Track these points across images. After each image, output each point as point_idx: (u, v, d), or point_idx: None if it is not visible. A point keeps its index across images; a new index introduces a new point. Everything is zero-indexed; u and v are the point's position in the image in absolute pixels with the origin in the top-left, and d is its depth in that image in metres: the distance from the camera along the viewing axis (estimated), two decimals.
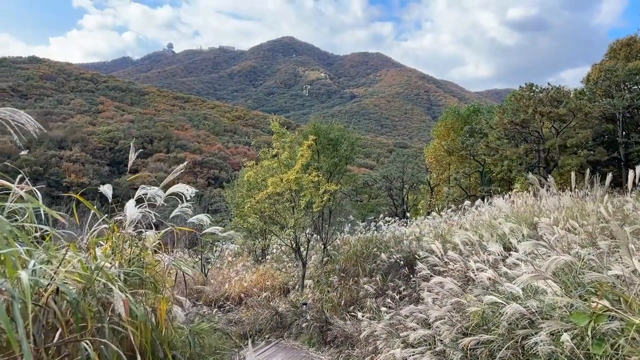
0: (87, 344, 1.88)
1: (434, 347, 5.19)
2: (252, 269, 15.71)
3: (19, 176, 2.62)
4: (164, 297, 2.93)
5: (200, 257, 14.99)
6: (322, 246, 13.32)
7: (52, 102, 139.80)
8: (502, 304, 4.29)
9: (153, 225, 3.31)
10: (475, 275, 5.52)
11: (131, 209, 2.99)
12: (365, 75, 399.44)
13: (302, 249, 12.80)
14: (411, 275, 9.60)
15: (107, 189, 3.04)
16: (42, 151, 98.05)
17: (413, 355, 5.23)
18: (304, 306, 10.43)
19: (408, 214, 25.07)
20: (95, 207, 3.25)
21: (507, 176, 31.01)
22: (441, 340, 5.06)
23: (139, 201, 3.53)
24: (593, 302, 3.20)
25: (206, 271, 15.01)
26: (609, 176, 6.81)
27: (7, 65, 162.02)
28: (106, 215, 3.03)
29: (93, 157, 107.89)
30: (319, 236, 13.74)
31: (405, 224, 16.14)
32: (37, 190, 2.47)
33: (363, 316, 8.15)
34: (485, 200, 13.55)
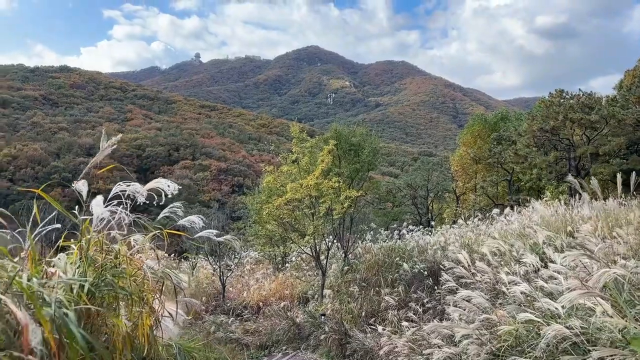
0: None
1: None
2: (271, 277, 15.40)
3: None
4: (146, 311, 2.55)
5: (219, 264, 14.71)
6: (343, 254, 12.89)
7: (82, 110, 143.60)
8: (539, 322, 3.78)
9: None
10: (507, 288, 5.00)
11: (98, 207, 2.61)
12: (390, 83, 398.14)
13: (322, 257, 12.41)
14: (435, 287, 9.08)
15: (81, 186, 2.70)
16: (71, 158, 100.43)
17: None
18: (322, 317, 10.03)
19: (433, 223, 24.37)
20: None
21: (537, 185, 29.94)
22: None
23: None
24: None
25: (224, 279, 14.72)
26: None
27: (39, 74, 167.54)
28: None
29: (121, 164, 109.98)
30: (339, 244, 13.33)
31: (429, 233, 15.56)
32: None
33: (384, 330, 7.67)
34: (515, 209, 12.89)
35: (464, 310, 5.49)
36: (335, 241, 13.63)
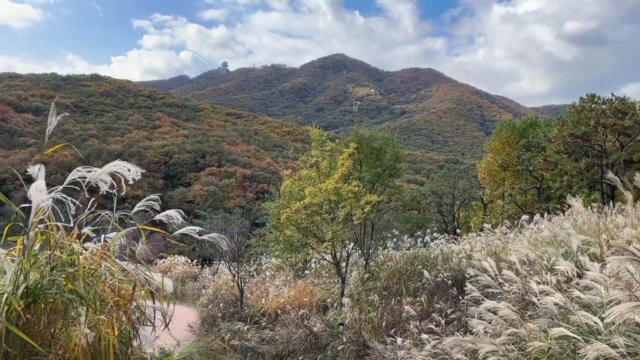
0: None
1: None
2: (291, 283, 15.11)
3: None
4: (112, 319, 2.22)
5: (237, 270, 14.49)
6: (364, 262, 12.47)
7: (111, 117, 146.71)
8: (576, 339, 3.32)
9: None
10: (538, 299, 4.52)
11: (38, 193, 2.24)
12: (415, 90, 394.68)
13: (342, 264, 12.02)
14: (460, 297, 8.58)
15: (36, 170, 2.41)
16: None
17: None
18: (341, 327, 9.63)
19: (459, 231, 23.67)
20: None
21: (567, 193, 28.89)
22: None
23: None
24: None
25: (243, 285, 14.48)
26: None
27: (71, 82, 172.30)
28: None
29: (148, 170, 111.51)
30: (360, 251, 12.94)
31: (455, 241, 15.03)
32: None
33: (403, 342, 7.22)
34: (545, 216, 12.26)
35: (489, 323, 5.02)
36: (356, 248, 13.23)
